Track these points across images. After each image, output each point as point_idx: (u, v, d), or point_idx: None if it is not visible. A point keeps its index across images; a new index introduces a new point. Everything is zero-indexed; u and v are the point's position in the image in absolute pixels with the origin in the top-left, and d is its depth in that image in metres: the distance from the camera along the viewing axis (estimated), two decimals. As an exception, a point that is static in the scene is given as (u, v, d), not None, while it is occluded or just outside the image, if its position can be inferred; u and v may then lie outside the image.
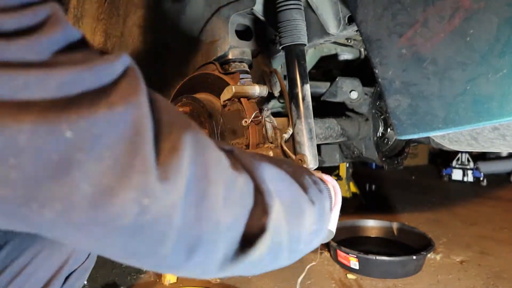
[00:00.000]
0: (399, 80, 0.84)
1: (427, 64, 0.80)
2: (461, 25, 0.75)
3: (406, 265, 1.80)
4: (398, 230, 2.23)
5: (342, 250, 1.85)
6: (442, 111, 0.80)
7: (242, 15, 1.24)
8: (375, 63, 0.87)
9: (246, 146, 0.94)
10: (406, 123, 0.86)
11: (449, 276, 1.83)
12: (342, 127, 1.44)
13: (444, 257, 2.05)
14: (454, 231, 2.49)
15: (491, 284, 1.76)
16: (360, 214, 2.64)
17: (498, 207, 3.11)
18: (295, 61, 1.10)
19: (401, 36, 0.83)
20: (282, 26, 1.10)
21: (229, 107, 0.91)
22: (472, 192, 3.65)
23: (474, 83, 0.75)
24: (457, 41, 0.76)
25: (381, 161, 1.52)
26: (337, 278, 1.80)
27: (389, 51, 0.85)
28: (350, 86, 1.42)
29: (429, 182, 4.18)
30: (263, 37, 1.35)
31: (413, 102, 0.84)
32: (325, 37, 1.19)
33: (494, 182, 3.93)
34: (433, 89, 0.80)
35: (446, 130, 0.81)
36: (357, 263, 1.80)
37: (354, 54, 1.70)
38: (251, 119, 0.89)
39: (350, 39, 1.57)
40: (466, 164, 4.04)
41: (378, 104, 1.50)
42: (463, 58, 0.76)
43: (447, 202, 3.23)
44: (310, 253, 0.60)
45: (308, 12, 1.15)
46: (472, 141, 1.16)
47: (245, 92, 0.90)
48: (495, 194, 3.57)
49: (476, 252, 2.13)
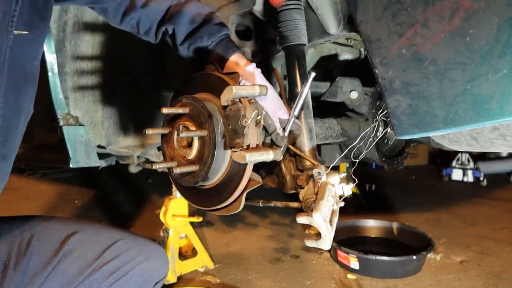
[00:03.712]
0: (399, 80, 0.84)
1: (427, 64, 0.80)
2: (461, 25, 0.75)
3: (406, 265, 1.80)
4: (398, 230, 2.23)
5: (342, 250, 1.85)
6: (442, 111, 0.80)
7: (242, 15, 1.24)
8: (375, 63, 0.87)
9: (247, 146, 0.93)
10: (406, 123, 0.86)
11: (449, 276, 1.83)
12: (342, 127, 1.44)
13: (444, 257, 2.06)
14: (454, 231, 2.49)
15: (491, 284, 1.76)
16: (360, 214, 2.64)
17: (498, 207, 3.12)
18: (295, 61, 1.10)
19: (401, 36, 0.83)
20: (282, 26, 1.10)
21: (230, 107, 0.91)
22: (472, 192, 3.65)
23: (474, 83, 0.75)
24: (457, 41, 0.76)
25: (381, 161, 1.52)
26: (337, 278, 1.80)
27: (389, 51, 0.84)
28: (350, 86, 1.42)
29: (429, 182, 4.18)
30: (263, 37, 1.35)
31: (413, 102, 0.84)
32: (325, 37, 1.19)
33: (494, 182, 3.93)
34: (433, 89, 0.80)
35: (446, 130, 0.81)
36: (357, 263, 1.80)
37: (354, 54, 1.70)
38: (251, 119, 0.89)
39: (350, 39, 1.57)
40: (466, 164, 4.03)
41: (378, 104, 1.50)
42: (463, 58, 0.76)
43: (447, 202, 3.23)
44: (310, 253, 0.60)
45: (308, 12, 1.15)
46: (472, 141, 1.16)
47: (245, 92, 0.90)
48: (495, 194, 3.57)
49: (476, 252, 2.13)
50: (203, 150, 0.98)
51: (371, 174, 4.37)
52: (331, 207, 0.99)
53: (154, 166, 1.03)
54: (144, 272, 1.00)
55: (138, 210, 3.05)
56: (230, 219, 2.63)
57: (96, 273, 0.95)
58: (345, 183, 1.05)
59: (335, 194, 1.02)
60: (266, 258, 2.03)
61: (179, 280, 1.79)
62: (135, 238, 1.06)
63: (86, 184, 3.96)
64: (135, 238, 1.06)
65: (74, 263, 0.95)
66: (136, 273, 0.99)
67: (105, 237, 1.02)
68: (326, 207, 0.96)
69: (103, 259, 0.96)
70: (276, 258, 2.03)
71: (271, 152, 0.93)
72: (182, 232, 1.85)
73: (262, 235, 2.39)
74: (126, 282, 0.97)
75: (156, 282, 1.05)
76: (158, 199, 3.13)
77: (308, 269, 1.90)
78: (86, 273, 0.94)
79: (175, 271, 1.77)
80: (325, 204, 0.96)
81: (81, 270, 0.94)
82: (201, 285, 1.75)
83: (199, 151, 0.99)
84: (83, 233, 1.01)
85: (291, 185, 1.14)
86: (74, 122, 1.39)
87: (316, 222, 0.94)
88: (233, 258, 2.04)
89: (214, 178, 1.03)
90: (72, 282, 0.93)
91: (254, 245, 2.21)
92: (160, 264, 1.05)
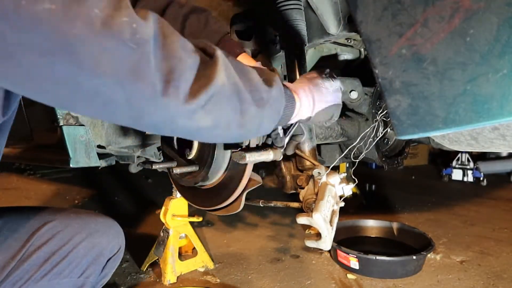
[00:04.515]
0: (399, 80, 0.84)
1: (427, 64, 0.80)
2: (461, 25, 0.75)
3: (406, 265, 1.80)
4: (398, 230, 2.23)
5: (342, 250, 1.85)
6: (442, 111, 0.80)
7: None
8: (375, 63, 0.87)
9: (247, 147, 0.94)
10: (406, 123, 0.86)
11: (449, 276, 1.83)
12: (342, 127, 1.44)
13: (444, 257, 2.06)
14: (454, 231, 2.49)
15: (491, 284, 1.76)
16: (360, 214, 2.64)
17: (498, 207, 3.11)
18: (295, 61, 1.10)
19: (401, 36, 0.83)
20: (282, 26, 1.10)
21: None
22: (472, 192, 3.65)
23: (474, 83, 0.75)
24: (457, 41, 0.76)
25: (381, 161, 1.52)
26: (337, 278, 1.80)
27: (389, 51, 0.84)
28: (350, 86, 1.42)
29: (429, 182, 4.18)
30: (263, 37, 1.35)
31: (413, 102, 0.84)
32: (325, 37, 1.19)
33: (494, 182, 3.94)
34: (433, 89, 0.80)
35: (446, 130, 0.81)
36: (357, 263, 1.80)
37: (354, 54, 1.70)
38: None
39: (350, 39, 1.57)
40: (466, 164, 4.04)
41: (378, 104, 1.50)
42: (463, 58, 0.76)
43: (447, 202, 3.24)
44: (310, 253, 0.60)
45: (308, 12, 1.15)
46: (472, 141, 1.16)
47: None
48: (495, 194, 3.57)
49: (476, 252, 2.13)
50: (203, 150, 0.98)
51: (371, 174, 4.37)
52: (331, 208, 0.99)
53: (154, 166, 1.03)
54: (88, 251, 0.90)
55: (138, 210, 3.05)
56: (230, 219, 2.63)
57: (25, 263, 0.84)
58: (345, 183, 1.05)
59: (335, 194, 1.03)
60: (266, 258, 2.03)
61: (179, 280, 1.79)
62: (74, 216, 0.95)
63: (86, 184, 3.96)
64: (74, 216, 0.95)
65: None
66: (79, 253, 0.89)
67: (32, 221, 0.90)
68: (326, 207, 0.96)
69: (32, 246, 0.86)
70: (276, 258, 2.03)
71: (271, 152, 0.93)
72: (182, 232, 1.85)
73: (262, 235, 2.39)
74: (68, 266, 0.87)
75: (109, 258, 0.95)
76: (158, 199, 3.13)
77: (308, 269, 1.90)
78: (11, 266, 0.83)
79: (175, 271, 1.77)
80: (325, 204, 0.96)
81: (3, 264, 0.83)
82: (201, 285, 1.75)
83: (199, 151, 0.99)
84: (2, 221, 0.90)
85: (291, 185, 1.14)
86: (74, 122, 1.39)
87: (316, 222, 0.94)
88: (233, 258, 2.04)
89: (214, 178, 1.03)
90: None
91: (254, 245, 2.22)
92: (107, 238, 0.94)
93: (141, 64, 0.51)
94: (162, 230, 1.82)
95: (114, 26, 0.48)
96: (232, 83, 0.62)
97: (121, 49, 0.49)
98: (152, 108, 0.54)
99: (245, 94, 0.64)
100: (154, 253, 1.83)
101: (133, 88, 0.52)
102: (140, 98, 0.53)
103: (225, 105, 0.61)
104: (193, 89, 0.56)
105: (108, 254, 0.95)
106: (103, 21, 0.48)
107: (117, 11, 0.49)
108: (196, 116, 0.58)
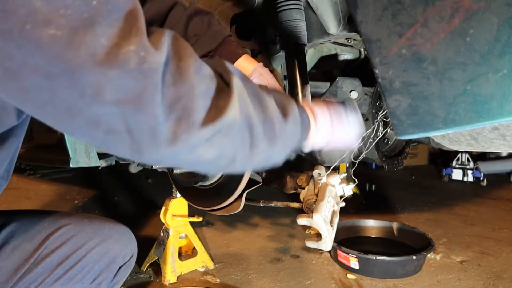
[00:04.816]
0: (399, 80, 0.84)
1: (427, 64, 0.80)
2: (461, 25, 0.75)
3: (406, 265, 1.80)
4: (398, 230, 2.23)
5: (342, 250, 1.85)
6: (442, 111, 0.80)
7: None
8: (375, 63, 0.87)
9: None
10: (406, 123, 0.86)
11: (449, 276, 1.83)
12: (342, 127, 1.44)
13: (444, 257, 2.05)
14: (454, 231, 2.49)
15: (491, 284, 1.76)
16: (360, 214, 2.64)
17: (498, 207, 3.11)
18: (295, 61, 1.10)
19: (401, 36, 0.83)
20: (282, 26, 1.10)
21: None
22: (472, 192, 3.65)
23: (474, 83, 0.75)
24: (457, 41, 0.76)
25: (381, 161, 1.52)
26: (337, 278, 1.80)
27: (389, 51, 0.85)
28: (350, 86, 1.42)
29: (429, 182, 4.17)
30: (263, 37, 1.35)
31: (413, 102, 0.84)
32: (325, 37, 1.19)
33: (494, 182, 3.93)
34: (433, 89, 0.80)
35: (446, 130, 0.81)
36: (357, 263, 1.80)
37: (354, 54, 1.70)
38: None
39: (350, 39, 1.57)
40: (466, 164, 4.03)
41: (378, 104, 1.50)
42: (463, 58, 0.76)
43: (447, 202, 3.23)
44: (310, 253, 0.61)
45: (308, 12, 1.15)
46: (472, 141, 1.16)
47: None
48: (495, 194, 3.56)
49: (476, 252, 2.13)
50: (203, 150, 0.98)
51: (371, 174, 4.37)
52: (331, 208, 0.99)
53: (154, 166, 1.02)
54: (101, 257, 0.89)
55: (138, 210, 3.05)
56: (230, 219, 2.63)
57: (39, 266, 0.84)
58: (346, 184, 1.05)
59: (336, 195, 1.03)
60: (266, 258, 2.03)
61: (179, 280, 1.79)
62: (88, 221, 0.95)
63: (86, 184, 3.96)
64: (88, 221, 0.95)
65: (7, 259, 0.83)
66: (92, 259, 0.88)
67: (47, 224, 0.90)
68: (326, 208, 0.96)
69: (46, 249, 0.85)
70: (276, 258, 2.03)
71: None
72: (182, 232, 1.85)
73: (262, 235, 2.39)
74: (80, 271, 0.86)
75: (121, 265, 0.95)
76: (158, 199, 3.13)
77: (308, 269, 1.90)
78: (25, 269, 0.83)
79: (175, 271, 1.77)
80: (325, 205, 0.96)
81: (17, 266, 0.83)
82: (201, 285, 1.75)
83: (199, 151, 0.99)
84: (17, 223, 0.89)
85: (291, 186, 1.14)
86: (74, 122, 1.38)
87: (316, 223, 0.94)
88: (233, 258, 2.04)
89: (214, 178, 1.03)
90: (8, 281, 0.82)
91: (254, 245, 2.22)
92: (121, 245, 0.94)
93: (145, 94, 0.49)
94: (162, 230, 1.82)
95: (119, 56, 0.47)
96: (245, 116, 0.58)
97: (124, 79, 0.48)
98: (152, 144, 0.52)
99: (257, 128, 0.61)
100: (154, 253, 1.83)
101: (135, 119, 0.50)
102: (141, 130, 0.51)
103: (233, 139, 0.58)
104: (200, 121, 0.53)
105: (120, 261, 0.94)
106: (108, 51, 0.47)
107: (125, 40, 0.48)
108: (198, 150, 0.55)
